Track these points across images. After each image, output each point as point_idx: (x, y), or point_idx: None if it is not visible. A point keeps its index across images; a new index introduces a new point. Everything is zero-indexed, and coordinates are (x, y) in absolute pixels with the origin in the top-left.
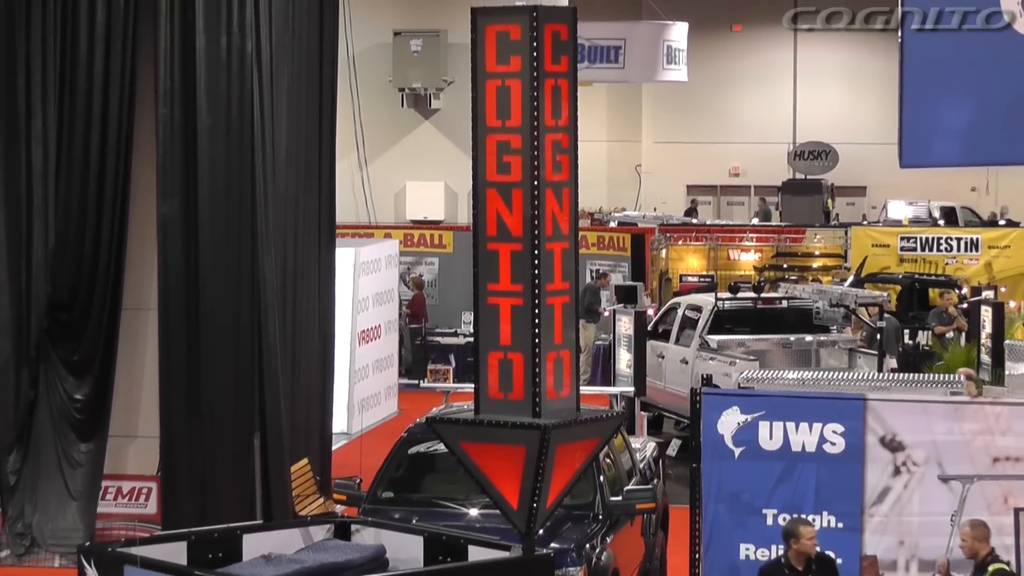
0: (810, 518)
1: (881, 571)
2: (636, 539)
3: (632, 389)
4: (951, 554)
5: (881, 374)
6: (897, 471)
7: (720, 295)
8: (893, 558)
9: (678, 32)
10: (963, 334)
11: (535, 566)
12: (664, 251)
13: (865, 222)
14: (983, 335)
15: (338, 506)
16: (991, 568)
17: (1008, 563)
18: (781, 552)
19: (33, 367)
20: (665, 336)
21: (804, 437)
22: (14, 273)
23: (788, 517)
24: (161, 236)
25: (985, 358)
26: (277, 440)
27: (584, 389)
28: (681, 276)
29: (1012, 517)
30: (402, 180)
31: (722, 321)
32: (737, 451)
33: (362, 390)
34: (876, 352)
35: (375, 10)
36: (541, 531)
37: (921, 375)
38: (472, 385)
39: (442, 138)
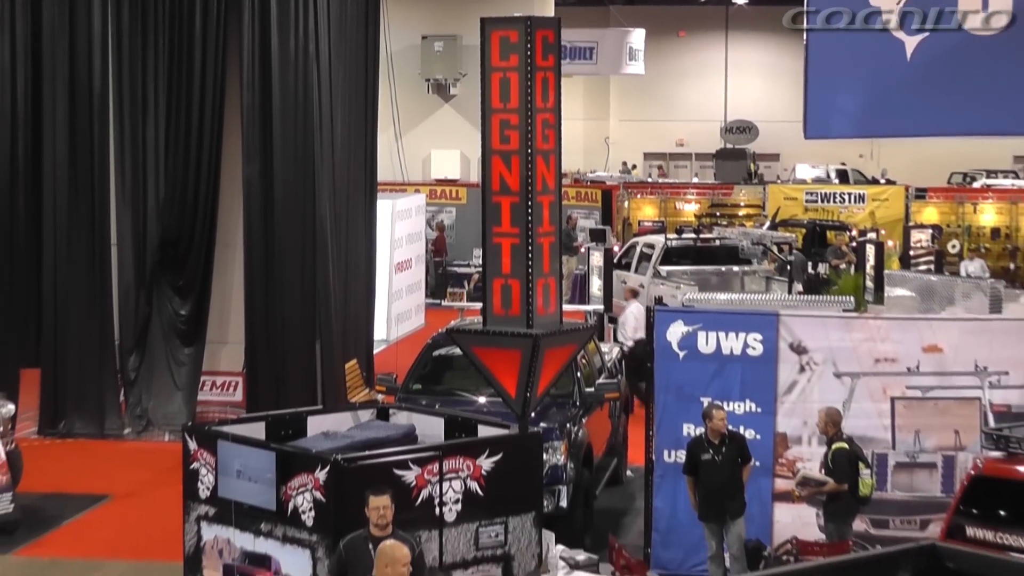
0: (736, 405)
1: (789, 444)
2: (605, 420)
3: (602, 307)
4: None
5: (790, 296)
6: (802, 369)
7: (669, 236)
8: (799, 435)
9: (637, 37)
10: (852, 266)
11: (528, 440)
12: (626, 202)
13: (779, 181)
14: (868, 267)
15: (379, 395)
16: (834, 446)
17: (848, 441)
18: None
19: (148, 290)
20: (627, 267)
21: (732, 343)
22: (134, 220)
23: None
24: (245, 191)
25: (870, 284)
26: (332, 345)
27: (565, 307)
28: (639, 221)
29: (889, 404)
30: (428, 148)
31: (670, 256)
32: (681, 354)
33: (397, 307)
34: (786, 279)
35: (408, 19)
36: (533, 414)
37: (821, 297)
38: (481, 304)
39: (458, 117)
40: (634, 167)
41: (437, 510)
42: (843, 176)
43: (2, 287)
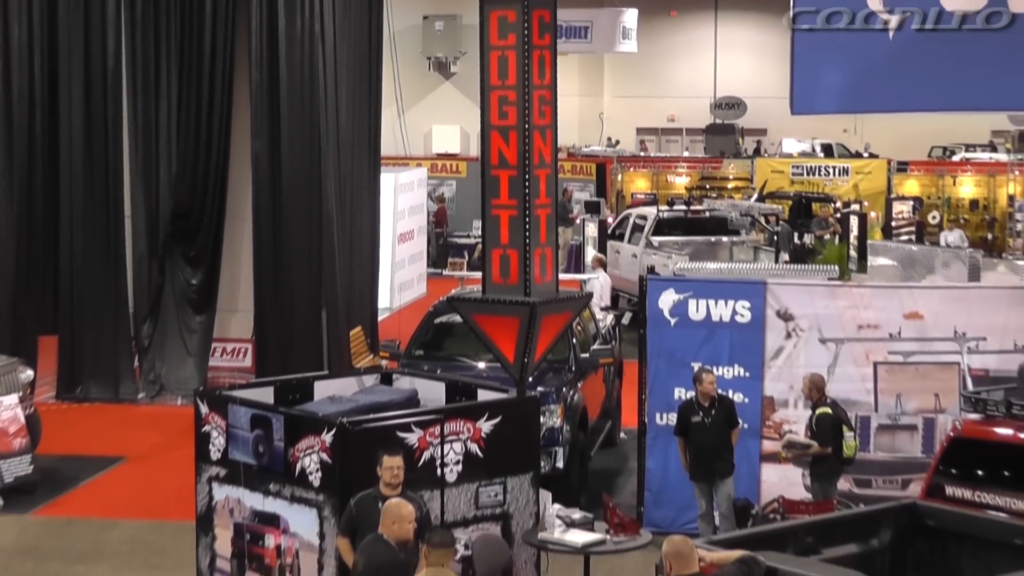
0: (725, 369)
1: (776, 407)
2: (599, 384)
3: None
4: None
5: (777, 265)
6: (788, 335)
7: (660, 208)
8: (785, 398)
9: (630, 16)
10: (837, 236)
11: (525, 404)
12: (620, 175)
13: (766, 154)
14: (852, 237)
15: (383, 361)
16: (818, 411)
17: (832, 405)
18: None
19: (161, 260)
20: (620, 237)
21: (721, 310)
22: (147, 193)
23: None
24: (254, 165)
25: (853, 254)
26: (337, 313)
27: (561, 276)
28: (632, 194)
29: (872, 369)
30: (429, 124)
31: (662, 226)
32: (672, 321)
33: (400, 276)
34: (773, 249)
35: (409, 0)
36: (530, 379)
37: (806, 266)
38: (480, 273)
39: (458, 93)
40: (618, 142)
41: (439, 471)
42: (828, 150)
43: (20, 258)
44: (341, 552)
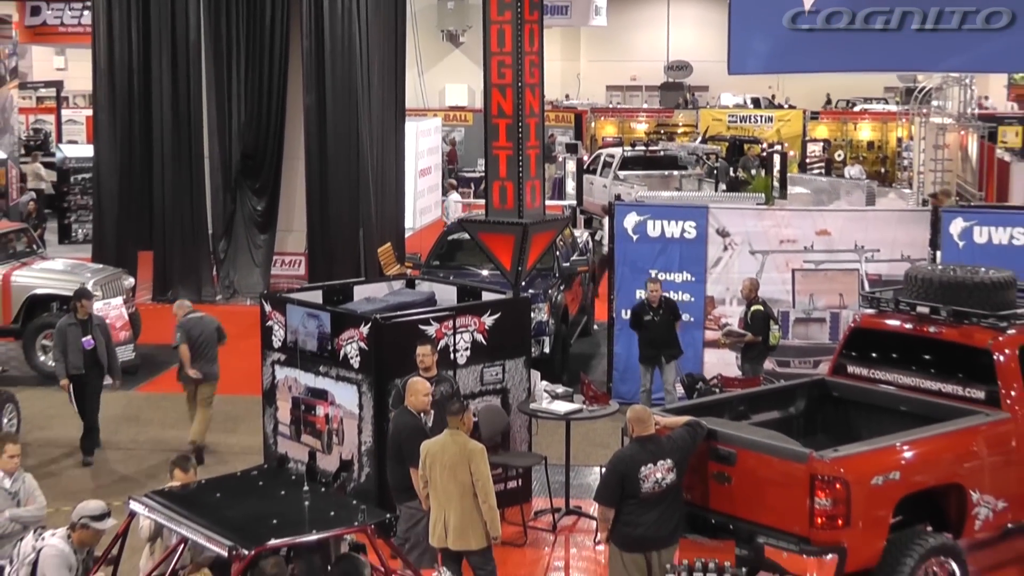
0: (676, 275)
1: (715, 305)
2: (578, 288)
3: (575, 202)
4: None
5: (716, 193)
6: (725, 248)
7: (625, 148)
8: (723, 297)
9: None
10: (763, 171)
11: (519, 303)
12: (593, 123)
13: (708, 106)
14: (775, 171)
15: (407, 270)
16: (752, 307)
17: (763, 303)
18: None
19: (232, 191)
20: (594, 172)
21: (673, 229)
22: (221, 138)
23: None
24: (305, 116)
25: (776, 184)
26: (371, 232)
27: (547, 202)
28: (603, 137)
29: (790, 274)
30: (443, 82)
31: (626, 163)
32: (635, 237)
33: (421, 203)
34: (713, 181)
35: None
36: (523, 283)
37: (739, 194)
38: (484, 200)
39: (466, 59)
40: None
41: (452, 356)
42: (756, 102)
43: (123, 191)
44: None
